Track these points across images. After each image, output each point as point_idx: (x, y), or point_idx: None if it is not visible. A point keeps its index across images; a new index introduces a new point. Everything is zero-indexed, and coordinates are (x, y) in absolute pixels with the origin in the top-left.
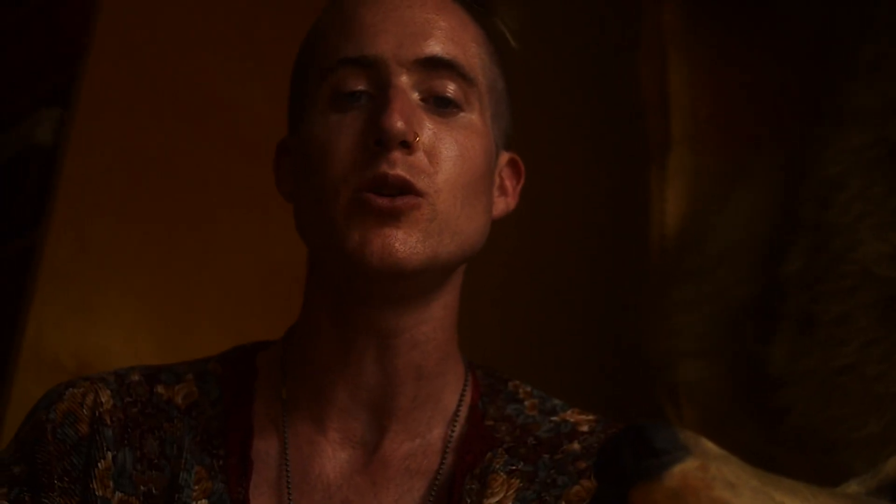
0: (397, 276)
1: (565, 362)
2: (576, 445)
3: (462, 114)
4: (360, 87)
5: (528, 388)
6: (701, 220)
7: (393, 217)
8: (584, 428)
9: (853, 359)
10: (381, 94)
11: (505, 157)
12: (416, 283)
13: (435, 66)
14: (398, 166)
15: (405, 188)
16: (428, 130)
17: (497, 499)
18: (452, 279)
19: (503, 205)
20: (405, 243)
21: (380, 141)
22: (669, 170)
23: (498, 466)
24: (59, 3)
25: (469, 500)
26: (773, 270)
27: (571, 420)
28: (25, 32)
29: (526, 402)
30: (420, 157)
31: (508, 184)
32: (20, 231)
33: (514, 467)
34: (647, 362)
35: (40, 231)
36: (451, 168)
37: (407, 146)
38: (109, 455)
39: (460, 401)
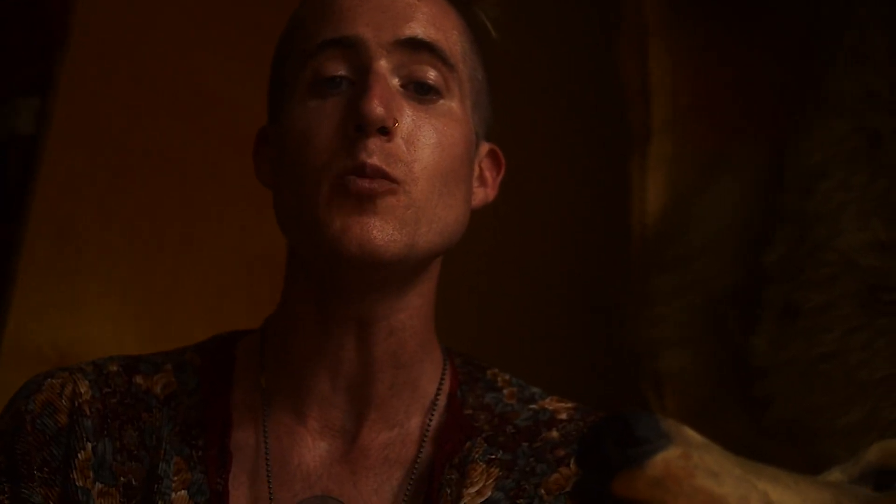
0: (376, 264)
1: (546, 351)
2: (554, 433)
3: (442, 101)
4: (340, 73)
5: (507, 377)
6: (682, 209)
7: (371, 202)
8: (563, 416)
9: (835, 347)
10: (360, 80)
11: (485, 147)
12: (394, 271)
13: (416, 48)
14: (375, 155)
15: (381, 176)
16: (407, 117)
17: (476, 488)
18: (430, 268)
19: (482, 195)
20: (382, 231)
21: (359, 127)
22: (650, 158)
23: (477, 456)
24: None
25: (448, 490)
26: (755, 259)
27: (550, 408)
28: (5, 20)
29: (504, 391)
30: (398, 144)
31: (488, 174)
32: (0, 221)
33: (493, 456)
34: (630, 351)
35: (21, 221)
36: (429, 156)
37: (386, 132)
38: (89, 446)
39: (438, 389)
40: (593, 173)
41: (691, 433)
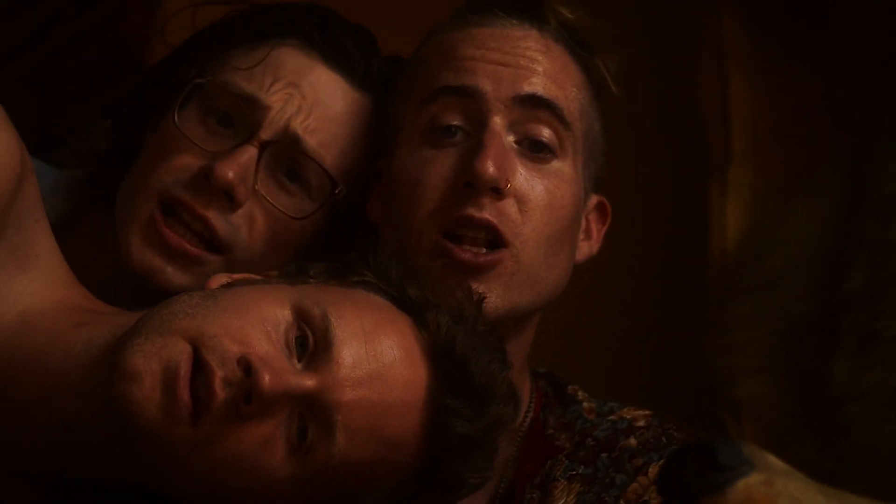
0: None
1: (625, 377)
2: (632, 441)
3: (555, 161)
4: (456, 122)
5: (586, 394)
6: (761, 235)
7: (476, 271)
8: (641, 423)
9: None
10: (475, 134)
11: (593, 200)
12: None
13: (534, 105)
14: (486, 210)
15: (492, 234)
16: (520, 176)
17: None
18: (532, 320)
19: (587, 249)
20: (485, 297)
21: (469, 184)
22: (729, 185)
23: (559, 473)
24: (119, 17)
25: None
26: (834, 287)
27: (628, 416)
28: (85, 45)
29: (584, 405)
30: (510, 204)
31: (594, 227)
32: None
33: (574, 472)
34: (708, 378)
35: None
36: (540, 218)
37: (498, 192)
38: None
39: (525, 417)
40: (672, 199)
41: (774, 460)
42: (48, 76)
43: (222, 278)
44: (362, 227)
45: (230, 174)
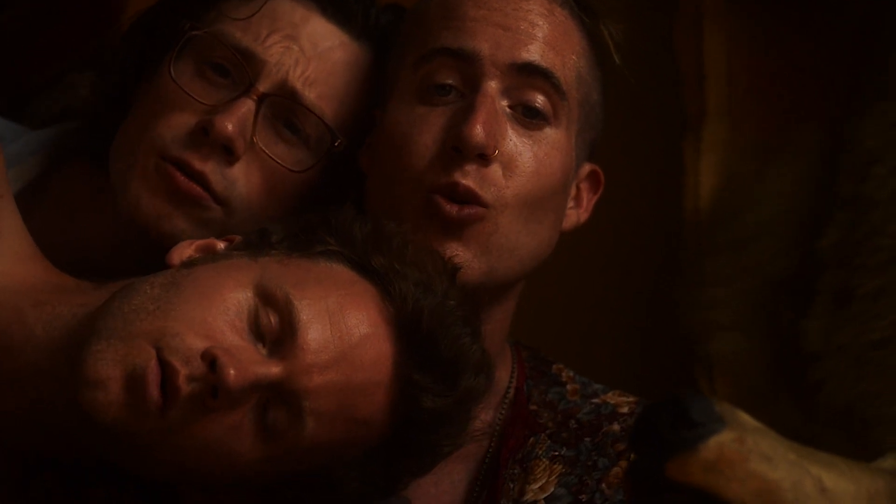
0: None
1: (598, 335)
2: (615, 427)
3: (548, 128)
4: (451, 81)
5: (571, 373)
6: (736, 192)
7: (457, 228)
8: (625, 409)
9: (888, 333)
10: (468, 97)
11: (586, 168)
12: (474, 293)
13: (530, 73)
14: (470, 177)
15: (471, 199)
16: (510, 141)
17: (539, 484)
18: (514, 288)
19: (574, 217)
20: (463, 258)
21: (457, 148)
22: (704, 141)
23: (540, 452)
24: None
25: (512, 485)
26: (809, 244)
27: (612, 402)
28: (61, 4)
29: (568, 386)
30: (495, 169)
31: (585, 196)
32: None
33: (556, 453)
34: (681, 335)
35: None
36: (525, 183)
37: (484, 158)
38: None
39: (509, 385)
40: (647, 156)
41: (746, 417)
42: (24, 35)
43: (185, 250)
44: (357, 179)
45: (229, 127)
